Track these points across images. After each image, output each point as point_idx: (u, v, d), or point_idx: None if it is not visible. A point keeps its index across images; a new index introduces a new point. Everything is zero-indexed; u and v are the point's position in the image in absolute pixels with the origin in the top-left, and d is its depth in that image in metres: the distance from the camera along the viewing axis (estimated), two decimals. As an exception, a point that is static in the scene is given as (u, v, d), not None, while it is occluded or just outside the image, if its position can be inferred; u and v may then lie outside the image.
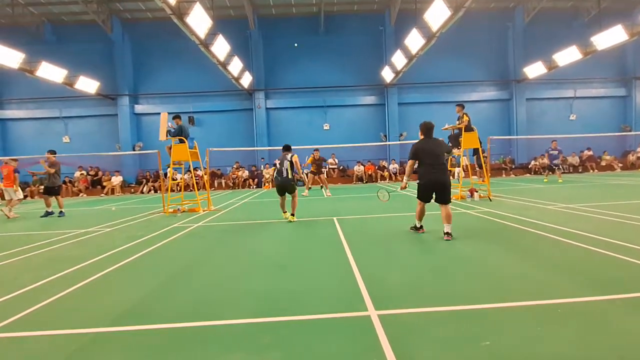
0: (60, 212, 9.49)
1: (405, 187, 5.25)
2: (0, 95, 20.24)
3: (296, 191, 6.94)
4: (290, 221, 6.75)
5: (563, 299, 2.71)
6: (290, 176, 6.81)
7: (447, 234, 4.73)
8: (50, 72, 15.77)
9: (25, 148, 19.85)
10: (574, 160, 19.21)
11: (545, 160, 15.56)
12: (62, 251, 5.14)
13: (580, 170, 18.97)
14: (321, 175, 13.45)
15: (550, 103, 20.90)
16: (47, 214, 9.46)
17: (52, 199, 9.70)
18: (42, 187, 9.84)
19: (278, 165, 6.97)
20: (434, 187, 4.89)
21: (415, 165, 5.01)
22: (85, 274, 3.86)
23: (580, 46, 16.06)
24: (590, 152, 19.57)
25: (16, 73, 15.55)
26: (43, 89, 18.87)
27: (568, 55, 16.62)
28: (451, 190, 4.99)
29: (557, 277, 3.19)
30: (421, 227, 5.16)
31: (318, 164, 13.34)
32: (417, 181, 5.06)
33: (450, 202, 4.90)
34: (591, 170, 18.87)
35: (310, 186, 13.74)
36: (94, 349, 2.28)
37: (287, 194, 6.93)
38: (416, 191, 5.10)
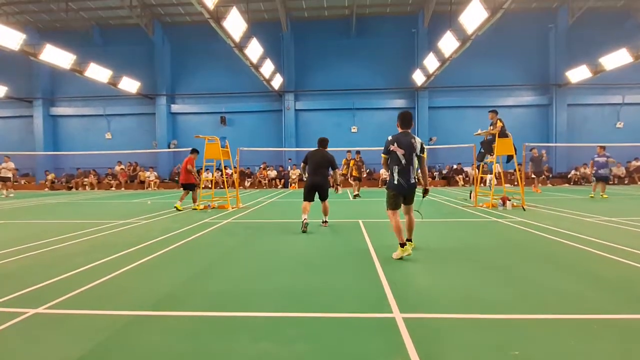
0: None
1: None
2: (53, 93, 21.94)
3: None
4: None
5: (599, 314, 2.60)
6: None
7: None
8: (98, 72, 16.94)
9: (74, 143, 21.44)
10: (620, 171, 17.94)
11: (588, 170, 14.39)
12: (104, 239, 5.52)
13: (626, 182, 17.70)
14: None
15: (595, 109, 19.70)
16: None
17: None
18: None
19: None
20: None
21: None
22: (127, 261, 4.14)
23: (631, 49, 15.03)
24: (639, 163, 18.21)
25: (67, 73, 16.82)
26: (89, 88, 20.28)
27: (617, 59, 15.60)
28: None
29: (593, 292, 3.05)
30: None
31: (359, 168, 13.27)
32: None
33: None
34: (639, 182, 17.55)
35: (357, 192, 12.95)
36: (135, 330, 2.46)
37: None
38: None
